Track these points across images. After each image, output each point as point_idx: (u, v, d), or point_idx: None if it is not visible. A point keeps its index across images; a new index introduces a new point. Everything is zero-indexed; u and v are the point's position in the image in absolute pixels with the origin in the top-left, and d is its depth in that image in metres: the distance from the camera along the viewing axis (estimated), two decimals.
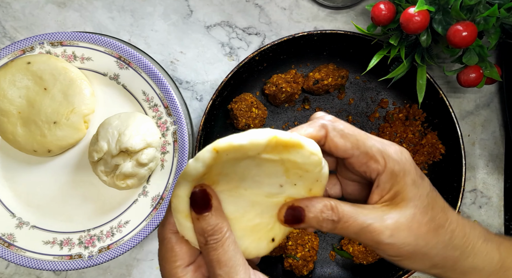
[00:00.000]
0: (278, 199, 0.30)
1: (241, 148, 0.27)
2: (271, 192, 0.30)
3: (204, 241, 0.29)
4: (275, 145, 0.27)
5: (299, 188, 0.30)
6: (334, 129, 0.31)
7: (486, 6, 0.46)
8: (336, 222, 0.30)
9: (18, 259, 0.54)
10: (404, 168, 0.32)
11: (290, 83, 0.56)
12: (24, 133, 0.54)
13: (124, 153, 0.51)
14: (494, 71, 0.51)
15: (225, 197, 0.29)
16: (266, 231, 0.31)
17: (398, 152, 0.32)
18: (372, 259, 0.55)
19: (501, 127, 0.61)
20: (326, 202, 0.30)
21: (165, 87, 0.54)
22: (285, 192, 0.30)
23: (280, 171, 0.29)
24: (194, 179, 0.28)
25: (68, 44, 0.55)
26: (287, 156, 0.28)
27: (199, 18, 0.61)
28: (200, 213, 0.29)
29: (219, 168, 0.28)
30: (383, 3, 0.51)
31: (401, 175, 0.31)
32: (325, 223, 0.30)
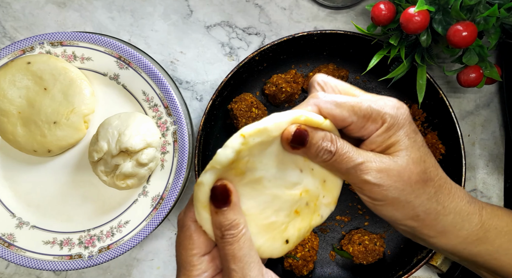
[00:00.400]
0: (296, 192, 0.30)
1: (266, 130, 0.27)
2: (291, 181, 0.30)
3: (221, 235, 0.29)
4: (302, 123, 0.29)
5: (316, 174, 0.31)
6: (327, 102, 0.32)
7: (486, 6, 0.46)
8: (332, 153, 0.31)
9: (18, 259, 0.54)
10: (399, 122, 0.32)
11: (290, 83, 0.56)
12: (24, 133, 0.54)
13: (124, 153, 0.51)
14: (494, 71, 0.51)
15: (248, 191, 0.30)
16: (280, 231, 0.31)
17: (395, 107, 0.33)
18: (372, 259, 0.55)
19: (501, 127, 0.61)
20: (327, 133, 0.31)
21: (165, 87, 0.54)
22: (303, 181, 0.30)
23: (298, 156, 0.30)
24: (224, 166, 0.28)
25: (68, 44, 0.55)
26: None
27: (199, 18, 0.61)
28: (219, 208, 0.29)
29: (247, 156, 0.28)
30: (383, 3, 0.51)
31: (395, 128, 0.32)
32: (322, 153, 0.31)
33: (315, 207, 0.32)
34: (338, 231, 0.59)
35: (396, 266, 0.56)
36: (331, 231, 0.59)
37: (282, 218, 0.30)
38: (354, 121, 0.32)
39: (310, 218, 0.32)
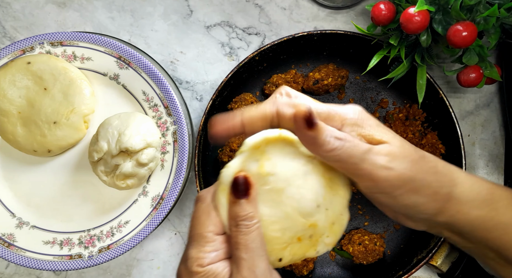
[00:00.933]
0: (306, 222, 0.31)
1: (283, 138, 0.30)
2: (306, 211, 0.30)
3: (235, 224, 0.30)
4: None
5: (329, 215, 0.31)
6: (285, 104, 0.32)
7: (486, 6, 0.46)
8: (343, 140, 0.30)
9: (18, 259, 0.54)
10: (361, 117, 0.32)
11: (290, 83, 0.56)
12: (24, 133, 0.54)
13: (124, 153, 0.51)
14: (494, 71, 0.51)
15: (268, 199, 0.30)
16: (279, 248, 0.31)
17: (349, 107, 0.33)
18: (372, 259, 0.55)
19: (501, 127, 0.61)
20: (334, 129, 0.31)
21: (165, 87, 0.54)
22: (316, 215, 0.31)
23: (322, 185, 0.30)
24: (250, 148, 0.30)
25: (68, 44, 0.55)
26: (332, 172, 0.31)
27: (199, 18, 0.61)
28: (238, 198, 0.30)
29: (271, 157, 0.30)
30: (383, 3, 0.51)
31: (361, 121, 0.32)
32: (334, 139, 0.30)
33: (316, 242, 0.32)
34: None
35: (396, 266, 0.56)
36: None
37: (285, 238, 0.31)
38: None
39: (306, 250, 0.32)
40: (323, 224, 0.31)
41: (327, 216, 0.31)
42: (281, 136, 0.31)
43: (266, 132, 0.30)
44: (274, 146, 0.30)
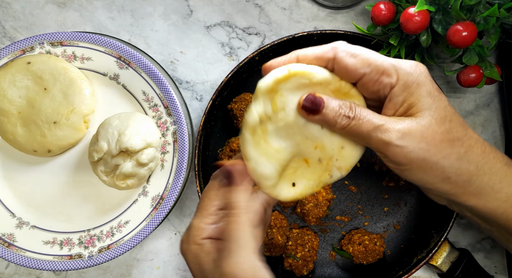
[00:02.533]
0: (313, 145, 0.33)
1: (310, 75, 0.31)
2: (312, 134, 0.33)
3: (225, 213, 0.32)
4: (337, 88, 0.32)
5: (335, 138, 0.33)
6: (343, 51, 0.32)
7: (486, 6, 0.46)
8: (351, 118, 0.31)
9: (18, 259, 0.54)
10: (418, 80, 0.31)
11: None
12: (24, 133, 0.54)
13: (124, 153, 0.51)
14: (494, 71, 0.51)
15: (284, 134, 0.33)
16: (289, 173, 0.33)
17: (413, 65, 0.32)
18: (372, 259, 0.55)
19: (501, 127, 0.61)
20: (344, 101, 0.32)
21: (165, 87, 0.54)
22: (321, 137, 0.33)
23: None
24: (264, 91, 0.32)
25: (68, 44, 0.55)
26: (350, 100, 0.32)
27: (199, 18, 0.61)
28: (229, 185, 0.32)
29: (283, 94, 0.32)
30: (383, 3, 0.51)
31: (415, 86, 0.31)
32: (341, 119, 0.31)
33: (327, 166, 0.33)
34: (338, 231, 0.59)
35: (396, 266, 0.56)
36: (331, 231, 0.59)
37: (293, 163, 0.33)
38: (367, 72, 0.31)
39: (320, 174, 0.33)
40: (330, 145, 0.33)
41: (333, 137, 0.33)
42: (290, 73, 0.31)
43: (274, 72, 0.32)
44: (285, 84, 0.32)
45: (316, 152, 0.33)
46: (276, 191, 0.33)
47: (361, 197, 0.59)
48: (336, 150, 0.33)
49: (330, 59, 0.32)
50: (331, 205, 0.58)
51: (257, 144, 0.32)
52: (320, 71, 0.32)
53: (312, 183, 0.34)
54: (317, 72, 0.32)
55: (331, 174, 0.33)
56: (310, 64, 0.33)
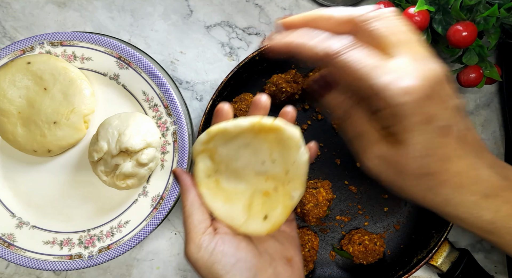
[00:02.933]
0: (262, 177, 0.36)
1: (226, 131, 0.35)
2: (259, 170, 0.36)
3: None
4: (258, 129, 0.34)
5: (277, 166, 0.36)
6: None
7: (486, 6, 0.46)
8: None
9: (18, 259, 0.54)
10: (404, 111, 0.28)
11: (290, 83, 0.56)
12: (24, 133, 0.54)
13: (124, 153, 0.51)
14: (494, 71, 0.51)
15: (233, 178, 0.36)
16: (258, 210, 0.36)
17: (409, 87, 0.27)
18: (372, 259, 0.55)
19: (501, 127, 0.61)
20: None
21: (165, 87, 0.54)
22: (267, 170, 0.36)
23: (265, 148, 0.35)
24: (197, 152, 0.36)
25: (68, 44, 0.55)
26: (271, 136, 0.35)
27: (199, 18, 0.61)
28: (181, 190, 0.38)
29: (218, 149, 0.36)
30: (383, 3, 0.51)
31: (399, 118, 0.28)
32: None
33: (284, 191, 0.36)
34: (338, 231, 0.59)
35: (396, 266, 0.56)
36: (331, 231, 0.59)
37: (257, 200, 0.36)
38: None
39: (282, 201, 0.36)
40: (278, 174, 0.36)
41: (276, 168, 0.36)
42: (211, 135, 0.36)
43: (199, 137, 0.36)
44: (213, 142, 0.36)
45: (269, 183, 0.36)
46: (251, 229, 0.36)
47: (361, 197, 0.59)
48: (284, 175, 0.36)
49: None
50: (331, 205, 0.58)
51: (216, 194, 0.36)
52: (239, 123, 0.35)
53: (280, 211, 0.36)
54: (235, 126, 0.35)
55: (291, 197, 0.36)
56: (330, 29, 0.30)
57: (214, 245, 0.35)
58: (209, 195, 0.36)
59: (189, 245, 0.35)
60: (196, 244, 0.35)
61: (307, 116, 0.59)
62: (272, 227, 0.36)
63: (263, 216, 0.36)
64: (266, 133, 0.35)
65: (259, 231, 0.36)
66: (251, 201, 0.37)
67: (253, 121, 0.35)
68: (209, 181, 0.36)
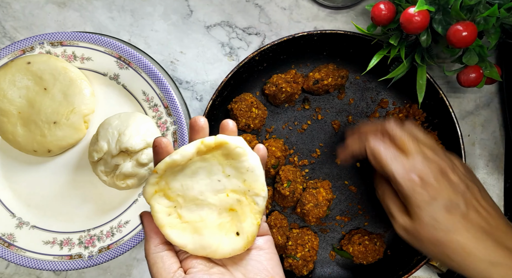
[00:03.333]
0: (223, 195, 0.36)
1: (175, 162, 0.35)
2: (216, 189, 0.36)
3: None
4: (204, 150, 0.35)
5: (233, 179, 0.36)
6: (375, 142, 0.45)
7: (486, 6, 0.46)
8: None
9: (18, 259, 0.54)
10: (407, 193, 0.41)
11: (290, 83, 0.56)
12: (24, 133, 0.54)
13: (124, 153, 0.51)
14: (494, 71, 0.51)
15: (194, 207, 0.36)
16: (228, 228, 0.36)
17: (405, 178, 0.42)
18: (372, 259, 0.55)
19: (501, 127, 0.61)
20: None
21: (165, 87, 0.54)
22: (225, 186, 0.36)
23: (217, 166, 0.36)
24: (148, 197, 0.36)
25: (68, 44, 0.55)
26: (218, 153, 0.35)
27: (199, 18, 0.61)
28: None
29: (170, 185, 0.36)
30: (383, 3, 0.51)
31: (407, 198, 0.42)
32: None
33: (248, 200, 0.36)
34: (338, 231, 0.59)
35: (396, 266, 0.56)
36: (331, 231, 0.59)
37: (224, 218, 0.36)
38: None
39: (249, 210, 0.36)
40: (236, 186, 0.36)
41: (231, 180, 0.36)
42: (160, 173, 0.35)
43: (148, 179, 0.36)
44: (168, 173, 0.35)
45: (231, 197, 0.36)
46: (227, 250, 0.36)
47: (361, 197, 0.59)
48: (242, 185, 0.36)
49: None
50: (331, 205, 0.58)
51: (182, 230, 0.36)
52: (183, 150, 0.35)
53: (250, 221, 0.36)
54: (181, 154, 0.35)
55: (256, 203, 0.36)
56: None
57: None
58: (175, 233, 0.35)
59: None
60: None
61: (307, 116, 0.59)
62: (246, 241, 0.36)
63: (234, 233, 0.36)
64: (212, 151, 0.35)
65: (236, 249, 0.36)
66: (219, 223, 0.36)
67: (196, 144, 0.35)
68: (171, 219, 0.36)
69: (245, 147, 0.36)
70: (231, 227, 0.36)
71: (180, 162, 0.35)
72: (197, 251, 0.35)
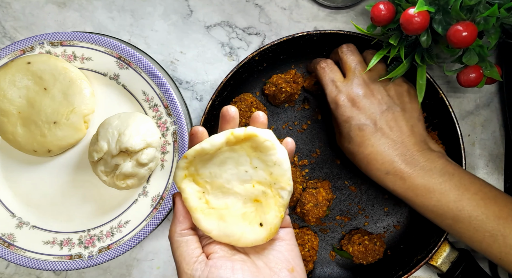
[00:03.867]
0: (250, 185, 0.37)
1: (204, 150, 0.35)
2: (243, 179, 0.37)
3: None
4: (233, 141, 0.36)
5: (260, 170, 0.37)
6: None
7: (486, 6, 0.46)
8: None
9: (18, 259, 0.54)
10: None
11: (290, 83, 0.56)
12: (24, 133, 0.54)
13: (124, 153, 0.51)
14: (494, 71, 0.51)
15: (220, 194, 0.37)
16: (252, 218, 0.37)
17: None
18: (372, 259, 0.55)
19: (501, 127, 0.61)
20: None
21: (165, 87, 0.54)
22: (252, 177, 0.37)
23: (244, 158, 0.37)
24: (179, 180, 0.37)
25: (68, 44, 0.55)
26: (247, 144, 0.36)
27: (199, 18, 0.61)
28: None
29: (199, 172, 0.37)
30: (382, 3, 0.51)
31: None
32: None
33: (274, 192, 0.37)
34: (338, 231, 0.59)
35: (396, 266, 0.56)
36: (331, 231, 0.59)
37: (250, 208, 0.37)
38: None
39: (274, 202, 0.37)
40: (262, 178, 0.37)
41: (259, 172, 0.37)
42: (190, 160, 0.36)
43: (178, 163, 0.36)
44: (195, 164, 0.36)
45: (257, 188, 0.37)
46: (250, 240, 0.36)
47: (361, 197, 0.59)
48: (269, 177, 0.37)
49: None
50: (331, 205, 0.58)
51: (209, 214, 0.36)
52: (213, 140, 0.36)
53: (274, 213, 0.36)
54: (211, 143, 0.36)
55: (281, 196, 0.37)
56: None
57: (207, 273, 0.34)
58: (203, 217, 0.36)
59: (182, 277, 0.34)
60: (188, 275, 0.34)
61: (307, 116, 0.59)
62: (269, 232, 0.36)
63: (258, 223, 0.36)
64: (241, 143, 0.36)
65: (258, 239, 0.36)
66: (243, 212, 0.37)
67: (226, 135, 0.36)
68: (200, 204, 0.36)
69: (274, 141, 0.36)
70: (255, 217, 0.37)
71: (209, 150, 0.36)
72: (221, 238, 0.36)
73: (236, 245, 0.36)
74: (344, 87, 0.50)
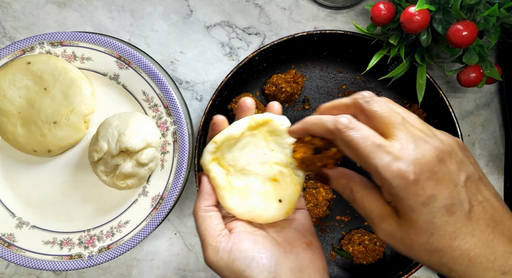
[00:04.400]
0: (268, 165, 0.40)
1: (232, 135, 0.39)
2: (262, 161, 0.40)
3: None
4: (254, 126, 0.39)
5: (276, 152, 0.40)
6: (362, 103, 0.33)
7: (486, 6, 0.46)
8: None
9: (18, 259, 0.54)
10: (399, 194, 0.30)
11: (290, 83, 0.56)
12: (24, 133, 0.54)
13: (124, 153, 0.51)
14: (494, 71, 0.51)
15: (242, 176, 0.40)
16: (271, 195, 0.39)
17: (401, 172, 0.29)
18: (372, 259, 0.55)
19: (501, 127, 0.61)
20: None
21: (165, 87, 0.54)
22: (269, 158, 0.40)
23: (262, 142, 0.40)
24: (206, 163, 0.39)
25: (68, 44, 0.55)
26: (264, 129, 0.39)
27: (199, 18, 0.61)
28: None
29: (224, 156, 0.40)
30: (382, 3, 0.51)
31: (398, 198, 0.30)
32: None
33: (290, 171, 0.40)
34: (338, 231, 0.59)
35: (396, 266, 0.55)
36: (331, 231, 0.59)
37: (268, 187, 0.40)
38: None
39: (291, 180, 0.39)
40: (279, 158, 0.39)
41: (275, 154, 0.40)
42: (218, 144, 0.39)
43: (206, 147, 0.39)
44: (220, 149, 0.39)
45: (274, 168, 0.40)
46: (270, 215, 0.39)
47: None
48: (284, 158, 0.39)
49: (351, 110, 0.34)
50: (331, 205, 0.58)
51: (231, 194, 0.39)
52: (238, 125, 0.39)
53: (291, 190, 0.39)
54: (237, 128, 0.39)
55: (297, 175, 0.40)
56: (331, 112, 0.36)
57: (231, 244, 0.36)
58: (228, 196, 0.39)
59: (207, 249, 0.36)
60: (213, 247, 0.36)
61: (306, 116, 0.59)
62: (288, 207, 0.39)
63: (277, 200, 0.39)
64: (259, 127, 0.39)
65: (278, 214, 0.39)
66: (263, 191, 0.40)
67: (247, 119, 0.39)
68: (226, 184, 0.39)
69: (289, 125, 0.39)
70: (274, 194, 0.39)
71: (235, 135, 0.39)
72: (243, 215, 0.39)
73: (258, 221, 0.39)
74: (400, 151, 0.30)
